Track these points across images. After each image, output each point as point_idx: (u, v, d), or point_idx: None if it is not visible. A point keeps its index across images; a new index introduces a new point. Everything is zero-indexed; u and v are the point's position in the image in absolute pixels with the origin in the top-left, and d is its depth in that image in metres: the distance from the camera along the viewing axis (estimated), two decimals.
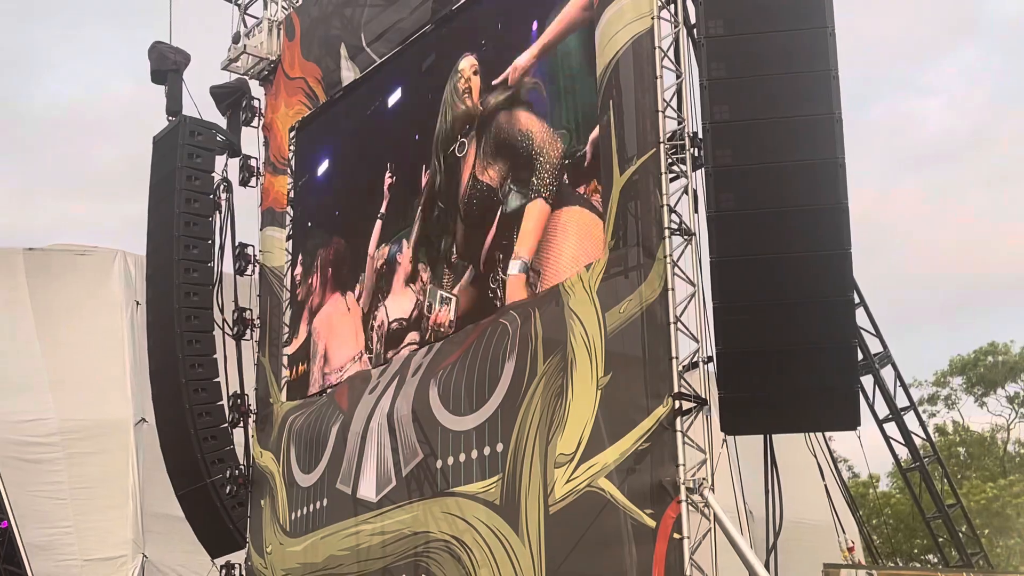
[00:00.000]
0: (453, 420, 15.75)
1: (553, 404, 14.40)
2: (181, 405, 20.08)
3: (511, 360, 15.07)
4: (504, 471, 14.80)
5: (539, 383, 14.66)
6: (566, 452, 14.06)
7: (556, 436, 14.23)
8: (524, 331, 15.03)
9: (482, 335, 15.76)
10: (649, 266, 13.78)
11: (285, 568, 18.46)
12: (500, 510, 14.74)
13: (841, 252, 12.92)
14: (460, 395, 15.71)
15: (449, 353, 16.31)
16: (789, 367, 12.98)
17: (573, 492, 13.90)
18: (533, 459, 14.45)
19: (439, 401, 15.97)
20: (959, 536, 18.59)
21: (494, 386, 15.25)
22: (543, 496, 14.20)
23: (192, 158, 20.78)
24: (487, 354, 15.49)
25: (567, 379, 14.31)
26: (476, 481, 15.16)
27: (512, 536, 14.49)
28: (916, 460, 18.55)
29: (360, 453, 17.23)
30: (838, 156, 13.00)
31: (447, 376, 16.02)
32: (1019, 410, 38.65)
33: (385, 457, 16.69)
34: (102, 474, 23.76)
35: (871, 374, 17.83)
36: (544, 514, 14.17)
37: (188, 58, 21.55)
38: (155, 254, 21.10)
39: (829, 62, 13.14)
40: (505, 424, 14.95)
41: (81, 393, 24.33)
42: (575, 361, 14.28)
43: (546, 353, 14.68)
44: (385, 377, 17.42)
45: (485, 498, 14.96)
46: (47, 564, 22.85)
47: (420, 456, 16.12)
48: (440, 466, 15.77)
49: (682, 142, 13.96)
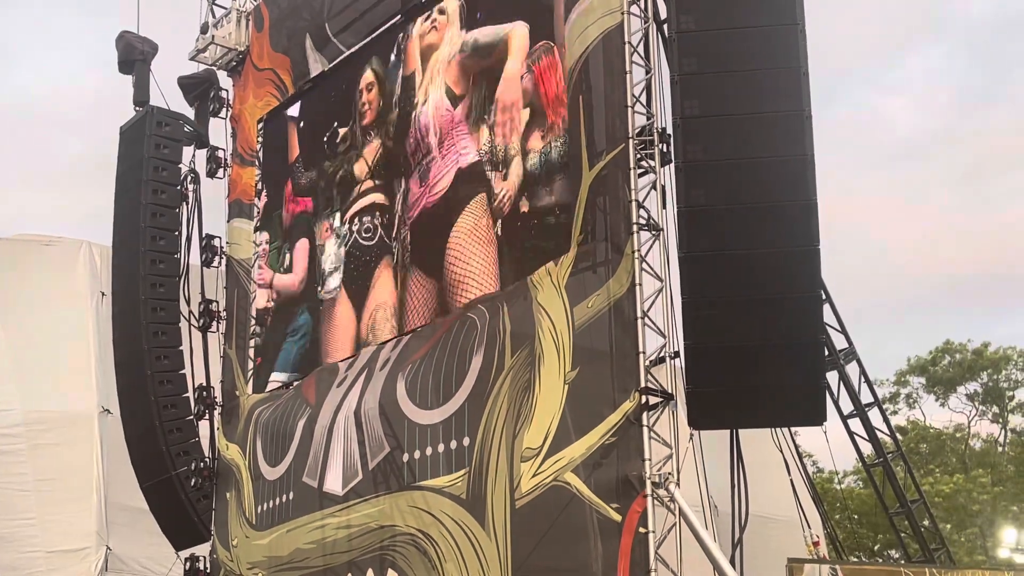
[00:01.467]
0: (420, 414, 15.74)
1: (520, 398, 14.41)
2: (146, 397, 20.00)
3: (479, 354, 15.06)
4: (471, 465, 14.80)
5: (506, 377, 14.67)
6: (532, 446, 14.08)
7: (523, 430, 14.24)
8: (492, 325, 15.03)
9: (450, 330, 15.74)
10: (617, 261, 13.81)
11: (251, 561, 18.41)
12: (466, 504, 14.75)
13: (810, 249, 12.97)
14: (427, 389, 15.70)
15: (417, 348, 16.30)
16: (756, 362, 13.03)
17: (540, 486, 13.92)
18: (499, 453, 14.46)
19: (406, 395, 15.96)
20: (921, 531, 18.73)
21: (461, 380, 15.25)
22: (509, 490, 14.22)
23: (159, 149, 20.68)
24: (455, 348, 15.48)
25: (535, 373, 14.32)
26: (442, 475, 15.16)
27: (478, 530, 14.49)
28: (880, 456, 18.68)
29: (327, 446, 17.21)
30: (807, 152, 13.05)
31: (415, 370, 16.01)
32: (980, 408, 39.02)
33: (352, 451, 16.67)
34: (66, 465, 23.61)
35: (836, 370, 17.93)
36: (510, 508, 14.18)
37: (156, 48, 21.43)
38: (121, 245, 20.99)
39: (799, 58, 13.18)
40: (472, 418, 14.95)
41: (45, 384, 24.17)
42: (543, 356, 14.28)
43: (514, 347, 14.68)
44: (353, 371, 17.39)
45: (451, 492, 14.96)
46: (10, 555, 22.71)
47: (387, 450, 16.10)
48: (407, 460, 15.76)
49: (651, 137, 13.99)
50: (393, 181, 17.66)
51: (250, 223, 20.73)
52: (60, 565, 22.97)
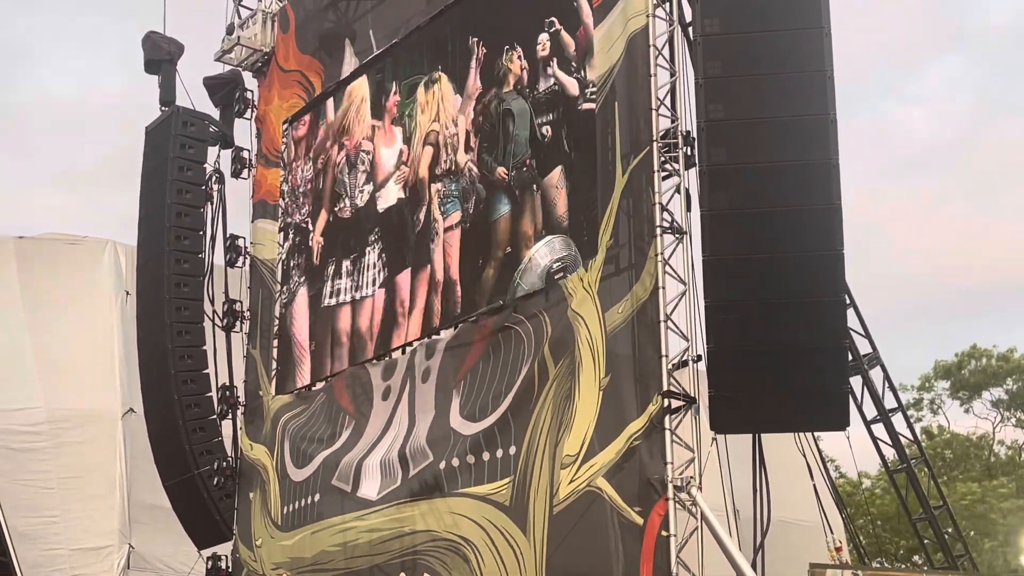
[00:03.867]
0: (468, 426, 15.84)
1: (563, 407, 14.51)
2: (170, 396, 20.04)
3: (526, 365, 15.18)
4: (515, 473, 14.89)
5: (551, 387, 14.76)
6: (571, 453, 14.19)
7: (564, 438, 14.34)
8: (537, 336, 15.13)
9: (494, 342, 15.79)
10: (642, 265, 13.82)
11: (275, 561, 18.43)
12: (510, 511, 14.84)
13: (833, 253, 12.95)
14: (477, 405, 15.80)
15: (462, 357, 16.32)
16: (779, 367, 13.01)
17: (575, 492, 14.03)
18: (543, 461, 14.56)
19: (459, 412, 16.07)
20: (944, 537, 18.65)
21: (509, 391, 15.35)
22: (549, 497, 14.33)
23: (184, 148, 20.72)
24: (505, 362, 15.59)
25: (575, 382, 14.42)
26: (487, 482, 15.26)
27: (520, 537, 14.61)
28: (903, 461, 18.61)
29: (367, 455, 17.21)
30: (832, 157, 13.03)
31: (468, 387, 16.09)
32: (1004, 413, 38.77)
33: (392, 460, 16.69)
34: (90, 464, 23.67)
35: (860, 375, 17.87)
36: (549, 514, 14.30)
37: (182, 48, 21.48)
38: (146, 244, 21.05)
39: (824, 62, 13.16)
40: (518, 427, 15.04)
41: (70, 382, 24.24)
42: (581, 363, 14.38)
43: (556, 357, 14.75)
44: (395, 381, 17.36)
45: (495, 499, 15.06)
46: (33, 553, 22.79)
47: (430, 459, 16.16)
48: (443, 467, 15.84)
49: (675, 140, 13.98)
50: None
51: (274, 223, 20.76)
52: (83, 563, 23.03)
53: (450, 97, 17.41)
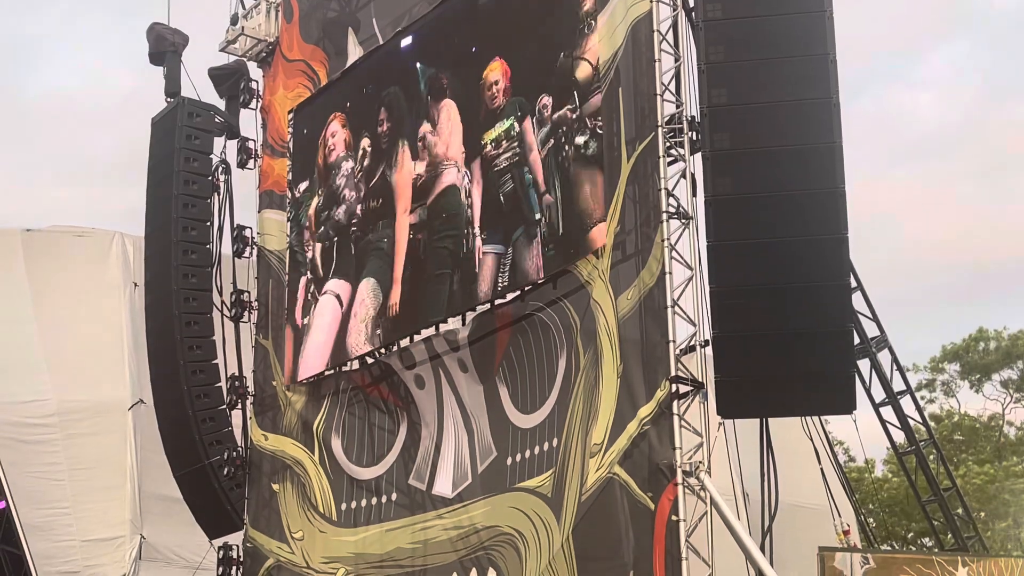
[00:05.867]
0: (522, 418, 15.93)
1: (590, 397, 14.56)
2: (179, 387, 20.08)
3: (563, 356, 15.24)
4: (556, 465, 14.98)
5: (581, 377, 14.81)
6: (598, 442, 14.26)
7: (592, 427, 14.39)
8: (565, 324, 15.20)
9: (519, 328, 15.88)
10: (648, 250, 13.85)
11: (329, 556, 18.37)
12: (550, 502, 14.94)
13: (838, 236, 12.97)
14: (527, 394, 15.87)
15: (491, 345, 16.40)
16: (786, 351, 13.05)
17: (598, 480, 14.11)
18: (577, 451, 14.64)
19: (511, 402, 16.14)
20: (954, 519, 18.65)
21: (552, 383, 15.42)
22: (579, 485, 14.42)
23: (191, 139, 20.74)
24: (540, 351, 15.65)
25: (599, 371, 14.46)
26: (536, 476, 15.36)
27: (555, 526, 14.72)
28: (912, 444, 18.60)
29: (436, 451, 17.27)
30: (835, 140, 13.05)
31: (509, 374, 16.16)
32: (1015, 395, 38.75)
33: (462, 455, 16.77)
34: (100, 455, 23.74)
35: (868, 358, 17.87)
36: (577, 503, 14.40)
37: (186, 39, 21.50)
38: (153, 236, 21.08)
39: (827, 46, 13.17)
40: (559, 420, 15.12)
41: (79, 374, 24.30)
42: (603, 351, 14.42)
43: (584, 347, 14.81)
44: (425, 371, 17.42)
45: (541, 491, 15.16)
46: (45, 544, 22.87)
47: (494, 454, 16.25)
48: (510, 463, 15.93)
49: (680, 126, 13.99)
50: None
51: (282, 213, 20.76)
52: (94, 554, 23.11)
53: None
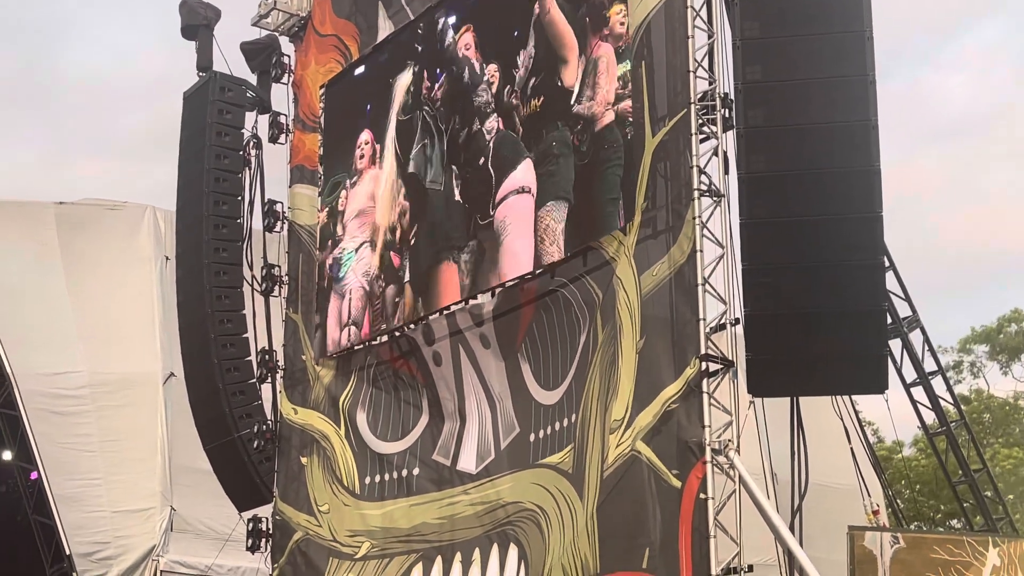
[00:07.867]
0: (544, 394, 15.93)
1: (609, 372, 14.52)
2: (210, 360, 20.14)
3: (584, 332, 15.21)
4: (575, 441, 14.98)
5: (599, 352, 14.78)
6: (617, 418, 14.22)
7: (611, 403, 14.36)
8: (587, 301, 15.15)
9: (543, 304, 15.83)
10: (679, 228, 13.79)
11: (353, 529, 18.44)
12: (571, 478, 14.93)
13: (872, 215, 12.87)
14: (549, 370, 15.85)
15: (516, 321, 16.35)
16: (817, 330, 12.97)
17: (620, 456, 14.07)
18: (595, 427, 14.62)
19: (533, 378, 16.13)
20: (984, 501, 18.60)
21: (572, 359, 15.40)
22: (600, 462, 14.39)
23: (222, 114, 20.74)
24: (562, 327, 15.61)
25: (618, 346, 14.41)
26: (557, 452, 15.35)
27: (577, 502, 14.72)
28: (943, 424, 18.55)
29: (461, 427, 17.28)
30: (871, 118, 12.92)
31: (531, 351, 16.14)
32: None
33: (486, 431, 16.77)
34: (131, 427, 23.89)
35: (899, 338, 17.80)
36: (600, 479, 14.37)
37: (219, 13, 21.48)
38: (185, 209, 21.14)
39: (863, 22, 13.03)
40: (576, 396, 15.11)
41: (111, 347, 24.45)
42: (622, 327, 14.38)
43: (603, 322, 14.78)
44: (443, 347, 17.44)
45: (562, 468, 15.14)
46: (76, 515, 23.03)
47: (517, 430, 16.25)
48: (533, 439, 15.93)
49: (713, 103, 13.92)
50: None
51: (313, 188, 20.76)
52: (125, 524, 23.27)
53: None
